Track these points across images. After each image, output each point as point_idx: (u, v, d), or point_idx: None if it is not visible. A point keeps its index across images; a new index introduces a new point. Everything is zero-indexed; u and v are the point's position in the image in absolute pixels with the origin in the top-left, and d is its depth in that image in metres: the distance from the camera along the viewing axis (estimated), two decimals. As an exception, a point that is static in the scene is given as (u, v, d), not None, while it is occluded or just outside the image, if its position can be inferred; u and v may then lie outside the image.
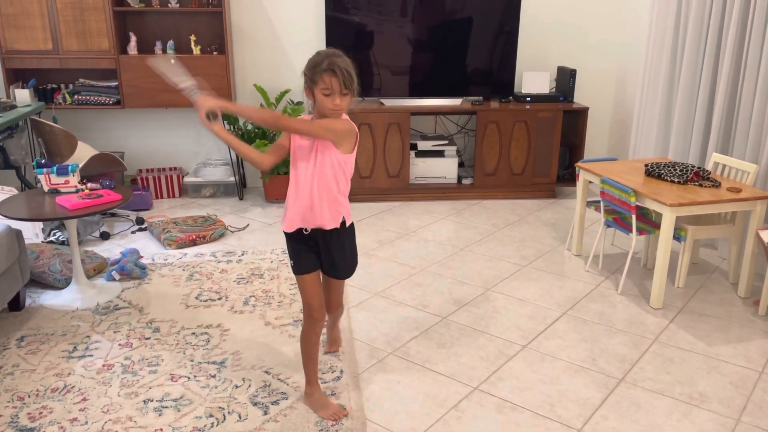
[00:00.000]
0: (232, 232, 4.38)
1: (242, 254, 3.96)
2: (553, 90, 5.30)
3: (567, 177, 5.24)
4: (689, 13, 4.08)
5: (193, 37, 4.75)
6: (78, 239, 3.45)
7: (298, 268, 2.37)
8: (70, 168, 3.29)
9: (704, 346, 2.97)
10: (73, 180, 3.30)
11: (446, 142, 5.17)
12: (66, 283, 3.44)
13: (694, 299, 3.44)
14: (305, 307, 2.39)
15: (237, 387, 2.58)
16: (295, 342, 2.92)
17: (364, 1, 4.84)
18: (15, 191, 3.91)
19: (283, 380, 2.63)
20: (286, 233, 2.37)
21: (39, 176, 3.29)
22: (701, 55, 4.05)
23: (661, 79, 4.34)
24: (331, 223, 2.30)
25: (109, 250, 3.99)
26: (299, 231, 2.33)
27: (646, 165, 3.62)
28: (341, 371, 2.70)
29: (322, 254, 2.38)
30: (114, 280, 3.56)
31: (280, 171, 4.90)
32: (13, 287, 3.05)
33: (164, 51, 4.74)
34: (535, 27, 5.27)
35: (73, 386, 2.58)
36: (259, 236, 4.30)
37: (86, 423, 2.36)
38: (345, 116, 2.26)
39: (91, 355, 2.81)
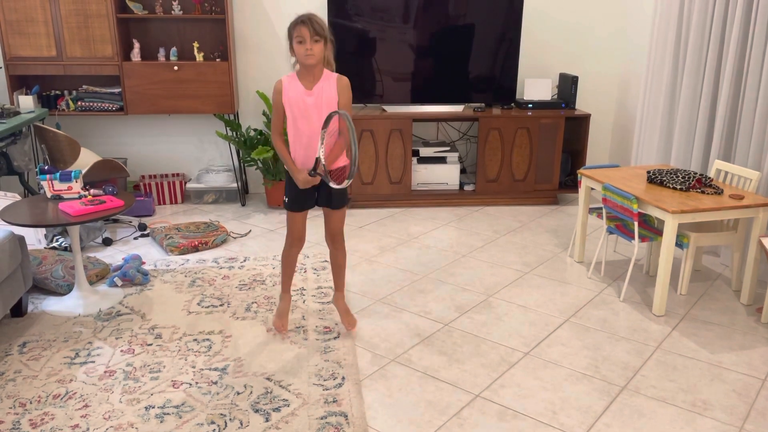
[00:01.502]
0: (234, 238, 4.38)
1: (244, 260, 3.96)
2: (555, 97, 5.30)
3: (569, 184, 5.24)
4: (691, 20, 4.09)
5: (196, 44, 4.77)
6: (81, 245, 3.46)
7: (292, 206, 2.87)
8: (73, 174, 3.30)
9: (707, 353, 2.96)
10: (76, 186, 3.31)
11: (448, 148, 5.17)
12: (68, 289, 3.44)
13: (697, 306, 3.44)
14: (290, 236, 2.95)
15: (239, 394, 2.58)
16: (297, 348, 2.92)
17: (366, 7, 4.86)
18: (18, 197, 3.92)
19: (285, 387, 2.63)
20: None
21: (42, 182, 3.29)
22: (703, 62, 4.05)
23: (663, 86, 4.34)
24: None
25: (112, 256, 4.00)
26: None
27: (649, 172, 3.62)
28: (343, 378, 2.69)
29: (320, 190, 2.85)
30: (116, 286, 3.56)
31: (282, 177, 4.91)
32: (15, 293, 3.05)
33: (167, 58, 4.76)
34: (537, 34, 5.28)
35: (75, 392, 2.58)
36: (261, 242, 4.30)
37: (88, 429, 2.35)
38: (332, 73, 2.76)
39: (93, 362, 2.81)
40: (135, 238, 4.36)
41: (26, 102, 4.49)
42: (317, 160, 2.68)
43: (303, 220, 2.94)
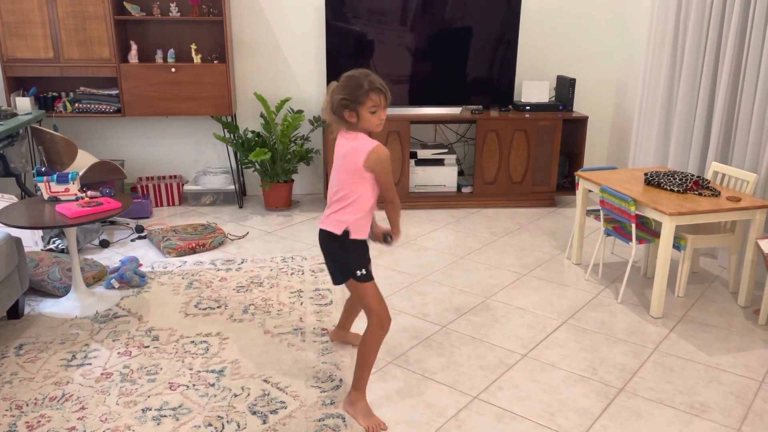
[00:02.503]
0: (232, 240, 4.38)
1: (242, 262, 3.96)
2: (553, 99, 5.31)
3: (566, 186, 5.25)
4: (688, 23, 4.10)
5: (193, 46, 4.77)
6: (77, 247, 3.45)
7: (370, 275, 2.47)
8: (70, 176, 3.29)
9: (704, 355, 2.96)
10: (73, 188, 3.30)
11: (446, 150, 5.18)
12: (65, 291, 3.44)
13: (694, 308, 3.44)
14: (377, 315, 2.45)
15: (236, 396, 2.58)
16: (295, 350, 2.91)
17: (364, 10, 4.86)
18: (15, 199, 3.91)
19: (282, 389, 2.62)
20: (359, 241, 2.44)
21: (39, 184, 3.29)
22: (700, 64, 4.07)
23: (661, 88, 4.35)
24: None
25: (109, 258, 3.99)
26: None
27: (646, 174, 3.62)
28: (341, 380, 2.69)
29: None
30: (113, 288, 3.55)
31: (280, 179, 4.91)
32: (12, 295, 3.04)
33: (165, 60, 4.76)
34: (534, 36, 5.29)
35: (72, 395, 2.57)
36: (259, 244, 4.29)
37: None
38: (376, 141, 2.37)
39: (90, 364, 2.81)
40: (132, 240, 4.35)
41: (23, 104, 4.48)
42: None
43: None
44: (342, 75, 2.35)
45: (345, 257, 2.44)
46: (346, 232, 2.38)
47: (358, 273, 2.41)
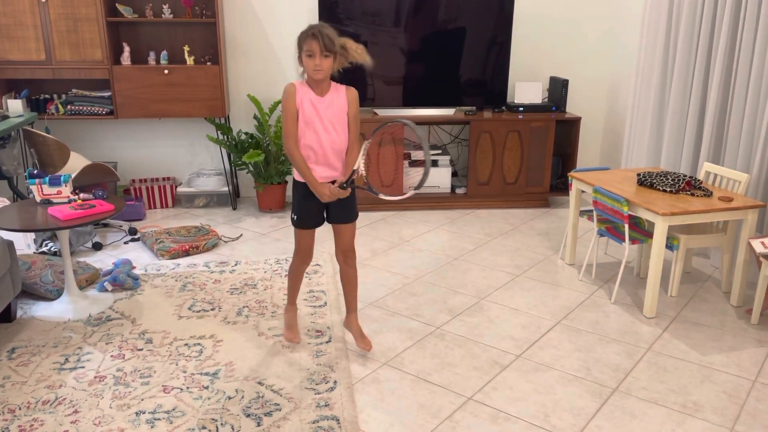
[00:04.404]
0: (226, 242, 4.37)
1: (235, 264, 3.95)
2: (546, 100, 5.33)
3: (560, 186, 5.26)
4: (680, 24, 4.12)
5: (186, 48, 4.76)
6: (70, 250, 3.44)
7: (303, 223, 2.78)
8: (62, 178, 3.28)
9: (697, 354, 2.98)
10: (66, 190, 3.29)
11: (440, 151, 5.18)
12: (58, 294, 3.42)
13: (687, 308, 3.45)
14: (300, 253, 2.85)
15: (230, 398, 2.57)
16: (289, 353, 2.91)
17: (357, 11, 4.86)
18: (7, 202, 3.89)
19: (277, 391, 2.62)
20: (298, 183, 2.74)
21: (31, 187, 3.27)
22: (692, 65, 4.09)
23: (653, 89, 4.37)
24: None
25: (102, 261, 3.97)
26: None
27: (639, 174, 3.64)
28: (335, 382, 2.69)
29: (329, 205, 2.75)
30: (106, 290, 3.54)
31: (274, 181, 4.90)
32: (4, 298, 3.02)
33: (158, 61, 4.75)
34: (527, 38, 5.31)
35: (65, 398, 2.56)
36: (253, 246, 4.29)
37: (77, 435, 2.34)
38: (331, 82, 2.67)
39: (83, 367, 2.79)
40: (125, 243, 4.34)
41: (15, 106, 4.46)
42: (353, 171, 2.60)
43: (313, 237, 2.85)
44: None
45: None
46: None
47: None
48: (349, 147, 2.71)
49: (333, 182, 2.67)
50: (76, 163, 4.22)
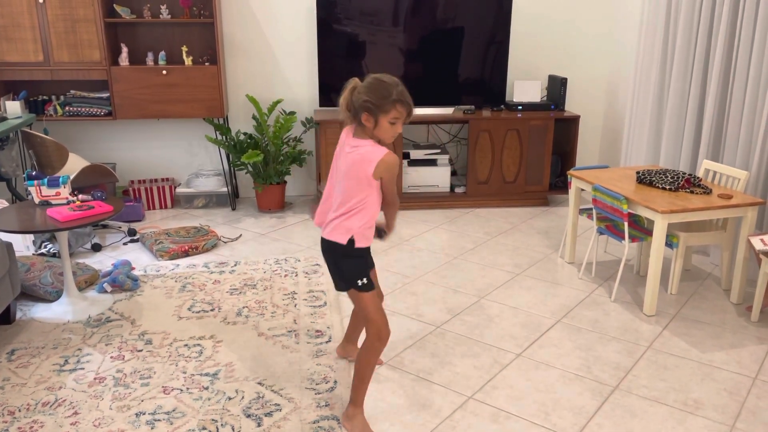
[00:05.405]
0: (225, 242, 4.37)
1: (235, 265, 3.94)
2: (545, 99, 5.32)
3: (559, 185, 5.26)
4: (678, 22, 4.12)
5: (184, 48, 4.75)
6: (69, 251, 3.43)
7: (371, 284, 2.38)
8: (61, 180, 3.27)
9: (698, 352, 2.98)
10: (64, 192, 3.29)
11: (439, 150, 5.18)
12: (57, 295, 3.41)
13: (687, 306, 3.45)
14: (375, 326, 2.35)
15: (230, 399, 2.57)
16: (289, 353, 2.91)
17: (355, 11, 4.86)
18: (6, 203, 3.89)
19: (277, 391, 2.61)
20: (362, 249, 2.36)
21: (30, 188, 3.27)
22: (691, 62, 4.08)
23: (652, 87, 4.37)
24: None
25: (101, 262, 3.97)
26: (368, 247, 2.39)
27: (638, 172, 3.64)
28: (335, 382, 2.68)
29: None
30: (106, 292, 3.53)
31: (273, 181, 4.90)
32: (3, 300, 3.02)
33: (156, 62, 4.74)
34: (526, 36, 5.30)
35: (65, 400, 2.56)
36: (252, 247, 4.28)
37: (77, 437, 2.34)
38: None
39: (83, 368, 2.79)
40: (124, 244, 4.33)
41: (13, 107, 4.46)
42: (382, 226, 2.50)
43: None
44: (370, 75, 2.26)
45: (348, 266, 2.36)
46: (351, 241, 2.30)
47: (359, 282, 2.34)
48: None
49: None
50: (74, 165, 4.21)
